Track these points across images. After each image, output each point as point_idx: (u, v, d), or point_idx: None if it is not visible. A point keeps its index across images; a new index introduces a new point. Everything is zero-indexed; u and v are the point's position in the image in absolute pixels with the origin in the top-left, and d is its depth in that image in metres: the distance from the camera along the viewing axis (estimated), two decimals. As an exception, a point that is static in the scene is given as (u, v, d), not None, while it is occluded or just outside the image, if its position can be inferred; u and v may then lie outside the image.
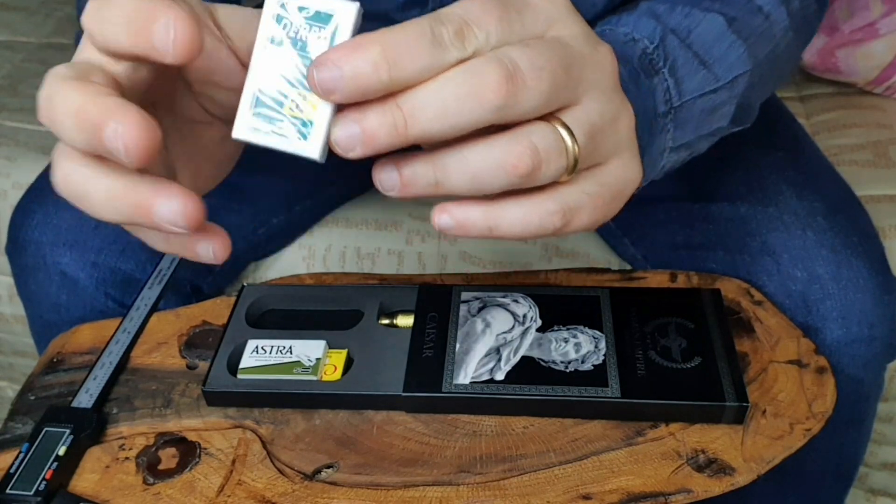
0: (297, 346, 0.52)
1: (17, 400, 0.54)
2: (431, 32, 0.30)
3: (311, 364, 0.51)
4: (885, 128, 0.93)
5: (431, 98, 0.30)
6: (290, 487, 0.46)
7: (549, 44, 0.32)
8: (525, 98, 0.30)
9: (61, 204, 0.64)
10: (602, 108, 0.34)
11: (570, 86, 0.32)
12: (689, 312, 0.53)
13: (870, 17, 0.95)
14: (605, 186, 0.35)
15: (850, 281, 0.58)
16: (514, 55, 0.30)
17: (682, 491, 0.45)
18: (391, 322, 0.55)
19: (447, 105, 0.30)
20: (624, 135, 0.36)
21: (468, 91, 0.30)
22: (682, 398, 0.48)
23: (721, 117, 0.46)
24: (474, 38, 0.30)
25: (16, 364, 1.09)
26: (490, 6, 0.31)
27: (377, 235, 0.80)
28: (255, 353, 0.52)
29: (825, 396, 0.49)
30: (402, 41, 0.29)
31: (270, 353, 0.52)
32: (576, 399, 0.48)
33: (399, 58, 0.29)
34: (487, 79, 0.30)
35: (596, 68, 0.34)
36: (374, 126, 0.30)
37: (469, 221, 0.34)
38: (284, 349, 0.52)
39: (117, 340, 0.56)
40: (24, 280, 0.67)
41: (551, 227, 0.34)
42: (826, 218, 0.61)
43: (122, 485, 0.47)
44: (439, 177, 0.32)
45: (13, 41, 1.21)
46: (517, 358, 0.50)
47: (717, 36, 0.45)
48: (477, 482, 0.46)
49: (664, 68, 0.42)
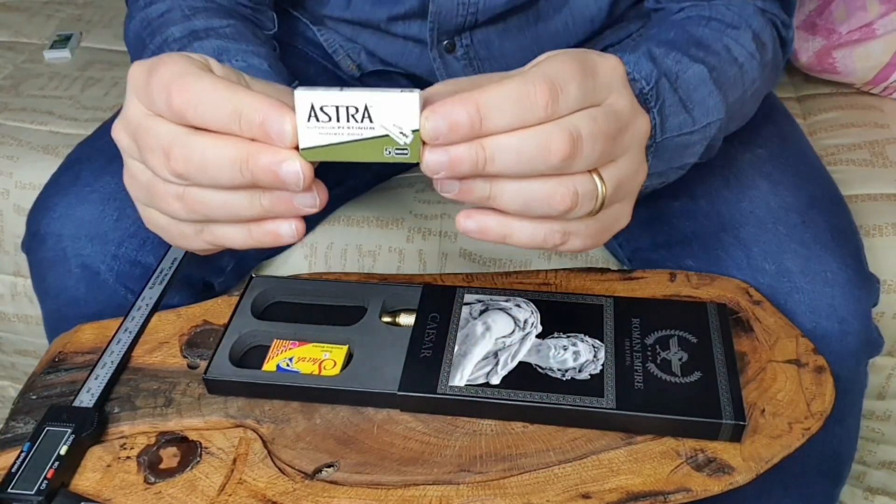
0: (377, 107, 0.37)
1: (19, 399, 0.54)
2: (519, 93, 0.37)
3: (406, 139, 0.38)
4: (883, 127, 0.93)
5: (510, 149, 0.37)
6: (290, 486, 0.46)
7: (606, 116, 0.39)
8: (580, 162, 0.39)
9: (83, 197, 0.64)
10: (629, 166, 0.42)
11: (614, 151, 0.41)
12: (692, 326, 0.53)
13: (867, 17, 0.95)
14: (600, 222, 0.43)
15: (818, 275, 0.59)
16: (581, 127, 0.38)
17: (682, 490, 0.45)
18: (393, 320, 0.55)
19: (521, 156, 0.38)
20: (635, 187, 0.44)
21: (539, 150, 0.37)
22: (677, 413, 0.47)
23: (691, 154, 0.53)
24: (555, 104, 0.37)
25: (17, 363, 1.10)
26: (574, 70, 0.38)
27: (378, 233, 0.80)
28: (314, 120, 0.38)
29: (824, 396, 0.49)
30: (494, 100, 0.37)
31: (339, 122, 0.38)
32: (569, 408, 0.48)
33: (490, 114, 0.37)
34: (556, 142, 0.37)
35: (634, 135, 0.42)
36: (461, 159, 0.37)
37: (489, 228, 0.41)
38: (358, 112, 0.37)
39: (119, 340, 0.56)
40: (42, 274, 0.67)
41: (552, 243, 0.42)
42: (799, 213, 0.62)
43: (123, 484, 0.47)
44: (494, 193, 0.39)
45: (15, 42, 1.21)
46: (514, 363, 0.51)
47: (699, 83, 0.52)
48: (477, 481, 0.46)
49: (654, 108, 0.47)
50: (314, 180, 0.39)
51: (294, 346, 0.53)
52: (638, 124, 0.43)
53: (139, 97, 0.40)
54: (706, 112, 0.52)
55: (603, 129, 0.39)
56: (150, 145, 0.40)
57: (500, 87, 0.37)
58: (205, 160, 0.38)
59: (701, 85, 0.52)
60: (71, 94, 1.08)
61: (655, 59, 0.50)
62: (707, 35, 0.57)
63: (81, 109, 1.05)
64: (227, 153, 0.38)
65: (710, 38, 0.57)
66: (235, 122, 0.38)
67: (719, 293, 0.57)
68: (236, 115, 0.38)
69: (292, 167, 0.38)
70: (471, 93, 0.37)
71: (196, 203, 0.41)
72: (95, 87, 1.10)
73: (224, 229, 0.42)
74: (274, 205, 0.40)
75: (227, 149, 0.38)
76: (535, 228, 0.41)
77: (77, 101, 1.07)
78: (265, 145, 0.38)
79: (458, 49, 0.73)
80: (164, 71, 0.39)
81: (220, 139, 0.38)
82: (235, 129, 0.38)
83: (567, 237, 0.42)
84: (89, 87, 1.10)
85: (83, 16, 1.27)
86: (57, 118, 1.03)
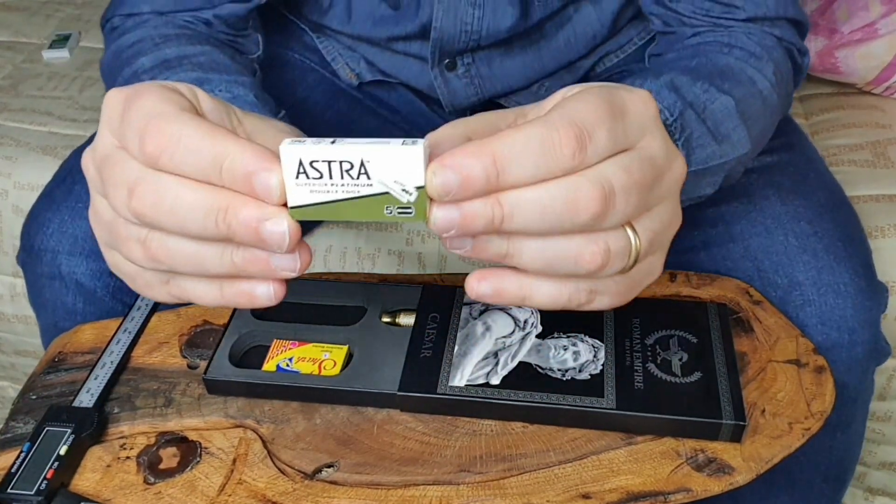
0: (375, 162, 0.33)
1: (19, 399, 0.54)
2: (542, 141, 0.32)
3: (410, 197, 0.33)
4: (885, 128, 0.93)
5: (532, 204, 0.33)
6: (290, 487, 0.46)
7: (641, 164, 0.35)
8: (612, 218, 0.34)
9: (76, 213, 0.64)
10: (665, 216, 0.38)
11: (649, 203, 0.36)
12: (693, 326, 0.53)
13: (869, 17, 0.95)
14: (632, 278, 0.38)
15: (830, 287, 0.58)
16: (613, 179, 0.33)
17: (682, 490, 0.45)
18: (393, 320, 0.55)
19: (545, 213, 0.33)
20: (670, 235, 0.39)
21: (566, 206, 0.33)
22: (677, 413, 0.47)
23: (709, 185, 0.50)
24: (583, 152, 0.33)
25: (17, 364, 1.10)
26: (603, 113, 0.33)
27: (377, 236, 0.80)
28: (303, 177, 0.33)
29: (824, 396, 0.49)
30: (513, 150, 0.32)
31: (332, 179, 0.33)
32: (569, 408, 0.48)
33: (509, 167, 0.32)
34: (585, 198, 0.33)
35: (671, 181, 0.37)
36: (474, 216, 0.33)
37: (506, 291, 0.36)
38: (353, 169, 0.33)
39: (118, 340, 0.56)
40: (39, 288, 0.67)
41: (576, 303, 0.37)
42: (810, 223, 0.61)
43: (123, 484, 0.47)
44: (512, 250, 0.35)
45: (14, 42, 1.21)
46: (514, 363, 0.51)
47: (725, 116, 0.49)
48: (477, 481, 0.46)
49: (679, 140, 0.44)
50: (299, 241, 0.35)
51: (294, 347, 0.53)
52: (675, 169, 0.38)
53: (111, 130, 0.36)
54: (732, 146, 0.50)
55: (637, 179, 0.34)
56: (115, 179, 0.35)
57: (519, 134, 0.32)
58: (175, 204, 0.34)
59: (727, 118, 0.49)
60: (70, 94, 1.08)
61: (679, 90, 0.48)
62: (732, 64, 0.55)
63: (80, 110, 1.05)
64: (203, 200, 0.34)
65: (735, 69, 0.54)
66: (216, 174, 0.33)
67: (719, 293, 0.57)
68: (216, 165, 0.33)
69: (278, 227, 0.33)
70: (485, 142, 0.32)
71: (159, 250, 0.36)
72: (94, 87, 1.10)
73: (192, 284, 0.38)
74: (247, 264, 0.36)
75: (203, 195, 0.34)
76: (559, 289, 0.37)
77: (76, 102, 1.07)
78: (248, 197, 0.34)
79: (459, 67, 0.72)
80: (140, 107, 0.35)
81: (195, 182, 0.34)
82: (216, 181, 0.34)
83: (594, 296, 0.38)
84: (88, 88, 1.10)
85: (82, 15, 1.27)
86: (56, 119, 1.03)
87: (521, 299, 0.37)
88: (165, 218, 0.34)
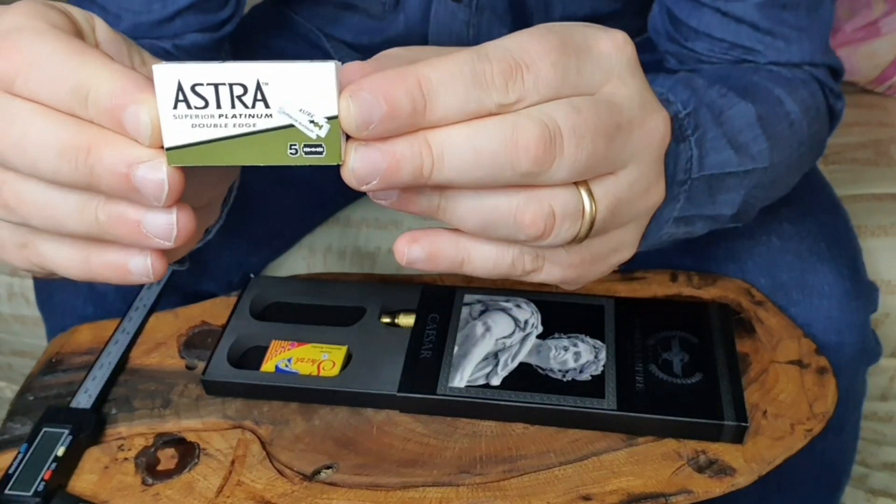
0: (274, 84, 0.27)
1: (16, 400, 0.54)
2: (473, 69, 0.27)
3: (319, 131, 0.27)
4: (887, 126, 0.92)
5: (464, 145, 0.28)
6: (289, 488, 0.46)
7: (597, 108, 0.29)
8: (558, 167, 0.29)
9: None
10: (634, 182, 0.32)
11: (608, 158, 0.30)
12: (694, 326, 0.53)
13: (872, 15, 0.95)
14: (590, 250, 0.33)
15: (814, 288, 0.57)
16: (559, 118, 0.28)
17: (683, 492, 0.44)
18: (392, 321, 0.55)
19: (478, 157, 0.28)
20: (643, 209, 0.34)
21: (502, 147, 0.28)
22: (678, 414, 0.47)
23: (725, 203, 0.45)
24: (521, 83, 0.28)
25: (14, 364, 1.09)
26: (548, 47, 0.28)
27: (377, 234, 0.80)
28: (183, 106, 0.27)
29: (826, 397, 0.49)
30: (441, 76, 0.27)
31: (220, 108, 0.27)
32: (570, 409, 0.48)
33: (437, 94, 0.27)
34: (524, 139, 0.28)
35: (643, 138, 0.31)
36: (400, 159, 0.27)
37: (440, 253, 0.31)
38: (247, 94, 0.27)
39: (116, 341, 0.56)
40: (49, 293, 0.66)
41: (521, 269, 0.32)
42: (793, 223, 0.60)
43: (120, 485, 0.47)
44: (444, 204, 0.30)
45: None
46: (515, 364, 0.50)
47: (746, 124, 0.44)
48: (477, 483, 0.46)
49: (692, 136, 0.40)
50: (179, 202, 0.28)
51: (293, 347, 0.53)
52: (648, 125, 0.32)
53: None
54: (751, 158, 0.44)
55: (592, 123, 0.29)
56: None
57: (447, 60, 0.27)
58: (24, 136, 0.28)
59: (746, 128, 0.45)
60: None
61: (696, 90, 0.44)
62: (757, 82, 0.50)
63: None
64: (58, 135, 0.28)
65: (761, 86, 0.50)
66: (80, 105, 0.28)
67: (721, 293, 0.57)
68: (80, 94, 0.27)
69: (154, 173, 0.27)
70: (408, 67, 0.27)
71: (10, 195, 0.30)
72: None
73: (53, 247, 0.32)
74: (113, 223, 0.29)
75: (60, 129, 0.28)
76: (502, 252, 0.32)
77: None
78: (118, 135, 0.28)
79: None
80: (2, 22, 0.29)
81: (53, 112, 0.28)
82: (80, 113, 0.28)
83: (541, 262, 0.33)
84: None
85: (83, 15, 1.26)
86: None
87: (459, 264, 0.32)
88: (13, 153, 0.28)
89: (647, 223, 0.35)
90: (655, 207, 0.35)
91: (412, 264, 0.31)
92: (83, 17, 0.32)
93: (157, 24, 0.56)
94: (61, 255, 0.32)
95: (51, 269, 0.33)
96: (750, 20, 0.53)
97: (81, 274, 0.32)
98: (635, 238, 0.35)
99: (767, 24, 0.53)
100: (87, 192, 0.29)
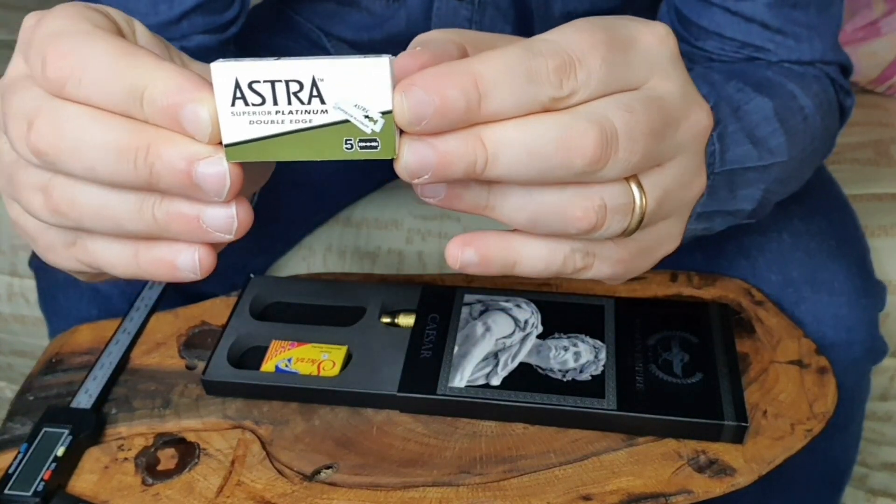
0: (330, 80, 0.27)
1: (16, 400, 0.54)
2: (527, 65, 0.27)
3: (375, 126, 0.28)
4: (887, 126, 0.92)
5: (518, 141, 0.27)
6: (289, 488, 0.46)
7: (648, 108, 0.29)
8: (612, 167, 0.29)
9: None
10: (680, 174, 0.32)
11: (658, 153, 0.30)
12: (694, 326, 0.53)
13: (872, 15, 0.95)
14: (638, 243, 0.33)
15: (824, 284, 0.57)
16: (615, 119, 0.28)
17: (683, 492, 0.44)
18: (392, 321, 0.54)
19: (532, 156, 0.27)
20: (687, 200, 0.34)
21: (557, 148, 0.27)
22: (678, 414, 0.47)
23: (745, 199, 0.44)
24: (574, 79, 0.28)
25: (14, 364, 1.09)
26: (597, 41, 0.28)
27: (377, 235, 0.80)
28: (241, 104, 0.27)
29: (826, 397, 0.49)
30: (496, 72, 0.27)
31: (277, 105, 0.27)
32: (570, 409, 0.48)
33: (491, 90, 0.27)
34: (582, 140, 0.27)
35: (687, 132, 0.32)
36: (453, 156, 0.27)
37: (492, 257, 0.31)
38: (303, 90, 0.27)
39: (116, 341, 0.55)
40: (52, 295, 0.66)
41: (572, 268, 0.32)
42: (803, 220, 0.60)
43: (120, 485, 0.47)
44: (493, 200, 0.30)
45: (12, 40, 1.21)
46: (515, 364, 0.50)
47: (763, 119, 0.44)
48: (477, 483, 0.46)
49: (714, 131, 0.40)
50: (239, 196, 0.29)
51: (293, 347, 0.53)
52: (693, 117, 0.32)
53: (23, 55, 0.31)
54: (770, 152, 0.45)
55: (644, 123, 0.29)
56: (14, 111, 0.29)
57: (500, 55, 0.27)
58: (81, 139, 0.28)
59: (764, 122, 0.45)
60: (70, 93, 1.08)
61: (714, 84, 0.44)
62: (771, 77, 0.51)
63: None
64: (116, 136, 0.27)
65: (774, 81, 0.50)
66: (135, 105, 0.27)
67: (721, 293, 0.57)
68: (135, 94, 0.27)
69: (215, 167, 0.27)
70: (462, 61, 0.27)
71: (62, 200, 0.30)
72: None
73: (103, 246, 0.32)
74: (172, 220, 0.29)
75: (118, 130, 0.28)
76: (553, 250, 0.31)
77: (76, 101, 1.06)
78: (175, 134, 0.28)
79: None
80: (48, 25, 0.29)
81: (107, 114, 0.28)
82: (135, 113, 0.28)
83: (591, 260, 0.32)
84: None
85: (83, 15, 1.27)
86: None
87: (512, 265, 0.31)
88: (68, 158, 0.28)
89: (689, 214, 0.35)
90: (697, 199, 0.35)
91: (465, 269, 0.31)
92: (123, 19, 0.32)
93: (163, 27, 0.56)
94: (111, 253, 0.32)
95: (99, 267, 0.33)
96: (760, 19, 0.53)
97: (129, 271, 0.32)
98: (680, 230, 0.35)
99: (778, 23, 0.53)
100: (143, 191, 0.29)
